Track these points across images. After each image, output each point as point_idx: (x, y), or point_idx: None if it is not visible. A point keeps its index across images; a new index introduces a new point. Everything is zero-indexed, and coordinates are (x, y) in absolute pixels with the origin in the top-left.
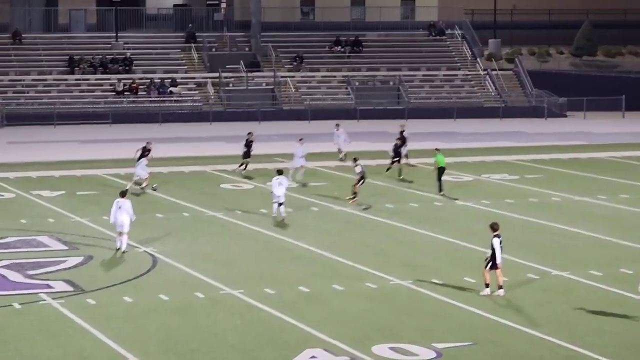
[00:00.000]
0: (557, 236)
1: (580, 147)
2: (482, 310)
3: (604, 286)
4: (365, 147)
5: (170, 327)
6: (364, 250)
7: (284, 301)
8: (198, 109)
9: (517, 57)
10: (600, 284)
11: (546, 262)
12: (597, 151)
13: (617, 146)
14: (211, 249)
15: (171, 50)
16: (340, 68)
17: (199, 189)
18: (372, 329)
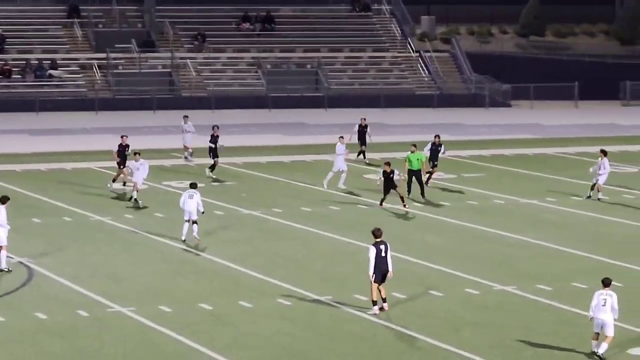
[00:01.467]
0: (500, 245)
1: (527, 141)
2: (413, 332)
3: (555, 303)
4: (280, 141)
5: (48, 352)
6: (277, 261)
7: (183, 321)
8: (82, 96)
9: (454, 37)
10: (551, 301)
11: (488, 275)
12: (546, 146)
13: (568, 140)
14: (97, 260)
15: (50, 27)
16: (249, 48)
17: (83, 190)
18: (286, 353)
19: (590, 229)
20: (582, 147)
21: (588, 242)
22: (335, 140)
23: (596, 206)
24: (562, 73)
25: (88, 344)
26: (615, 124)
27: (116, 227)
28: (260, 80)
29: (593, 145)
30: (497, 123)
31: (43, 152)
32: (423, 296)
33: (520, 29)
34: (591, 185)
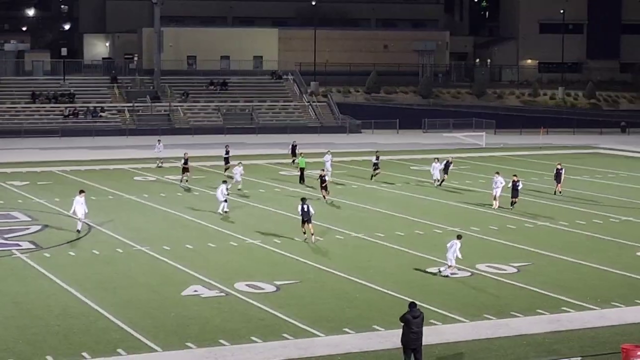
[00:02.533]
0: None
1: (371, 152)
2: (306, 259)
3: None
4: (231, 153)
5: (100, 272)
6: (229, 220)
7: (176, 254)
8: (119, 127)
9: (329, 94)
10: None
11: (349, 229)
12: (383, 155)
13: (394, 152)
14: (126, 220)
15: (101, 88)
16: (213, 100)
17: (121, 181)
18: (234, 272)
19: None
20: (402, 155)
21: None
22: (263, 152)
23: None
24: (389, 114)
25: (121, 268)
26: (419, 142)
27: (139, 202)
28: (220, 118)
29: (407, 155)
30: (353, 142)
31: (97, 159)
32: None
33: (366, 89)
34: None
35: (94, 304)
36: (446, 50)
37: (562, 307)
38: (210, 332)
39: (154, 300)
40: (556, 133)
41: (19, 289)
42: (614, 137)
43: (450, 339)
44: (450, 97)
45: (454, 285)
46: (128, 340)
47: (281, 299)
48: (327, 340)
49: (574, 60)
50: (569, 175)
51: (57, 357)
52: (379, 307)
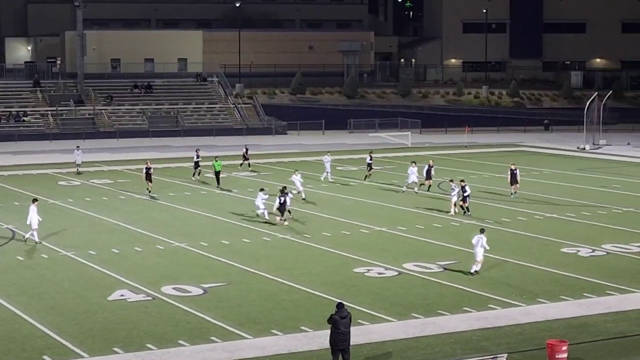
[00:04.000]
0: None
1: (296, 153)
2: (233, 261)
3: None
4: (158, 156)
5: (24, 278)
6: (154, 223)
7: (102, 259)
8: (42, 132)
9: (254, 96)
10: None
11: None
12: (307, 156)
13: (319, 153)
14: (51, 225)
15: (23, 92)
16: (138, 103)
17: (45, 185)
18: (160, 276)
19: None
20: (326, 155)
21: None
22: (189, 155)
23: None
24: (315, 115)
25: (47, 273)
26: (345, 142)
27: (63, 207)
28: (145, 121)
29: (334, 155)
30: (279, 144)
31: (20, 164)
32: None
33: (291, 90)
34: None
35: (19, 310)
36: (371, 50)
37: (488, 304)
38: (138, 336)
39: (80, 306)
40: (481, 131)
41: None
42: (537, 134)
43: (378, 339)
44: (376, 97)
45: (381, 284)
46: (54, 346)
47: (208, 302)
48: (255, 342)
49: (497, 59)
50: (493, 174)
51: None
52: (306, 308)
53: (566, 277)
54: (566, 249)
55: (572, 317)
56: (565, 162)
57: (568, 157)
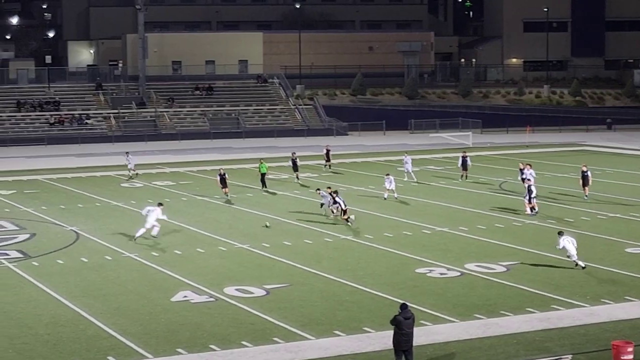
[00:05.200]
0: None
1: (358, 154)
2: (295, 262)
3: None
4: (219, 157)
5: (89, 280)
6: (217, 225)
7: (165, 260)
8: (105, 134)
9: (315, 97)
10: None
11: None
12: (368, 157)
13: (380, 154)
14: (115, 227)
15: (86, 95)
16: (199, 105)
17: (108, 187)
18: (223, 277)
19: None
20: (388, 157)
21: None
22: (250, 156)
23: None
24: (376, 115)
25: (110, 275)
26: (405, 143)
27: (125, 208)
28: (206, 123)
29: (394, 156)
30: (340, 144)
31: (83, 166)
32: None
33: (352, 91)
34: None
35: (84, 311)
36: (431, 50)
37: (551, 305)
38: (201, 337)
39: (144, 307)
40: (542, 131)
41: (8, 298)
42: (600, 134)
43: (441, 340)
44: (436, 97)
45: (443, 285)
46: (118, 347)
47: (271, 303)
48: (318, 343)
49: (558, 58)
50: (556, 174)
51: None
52: (369, 308)
53: (631, 277)
54: (630, 249)
55: (637, 318)
56: (628, 161)
57: (631, 157)
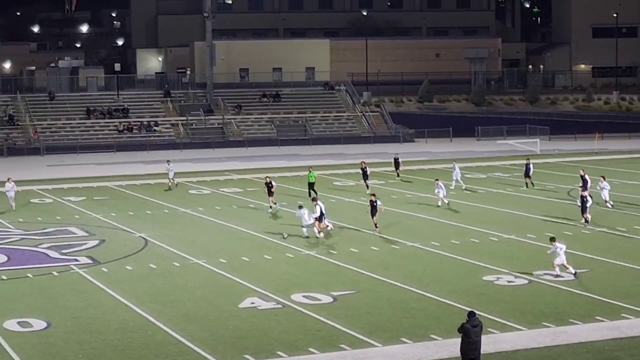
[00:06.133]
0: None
1: (424, 161)
2: (362, 269)
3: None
4: (285, 165)
5: (157, 286)
6: (283, 231)
7: (232, 266)
8: (173, 141)
9: (382, 104)
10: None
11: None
12: (435, 164)
13: (447, 160)
14: (182, 234)
15: (154, 102)
16: (266, 112)
17: (175, 194)
18: (290, 284)
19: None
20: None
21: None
22: (317, 163)
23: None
24: (443, 122)
25: (179, 281)
26: (472, 150)
27: (193, 215)
28: (273, 130)
29: (462, 163)
30: (407, 151)
31: (153, 173)
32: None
33: (419, 98)
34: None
35: (152, 317)
36: (498, 57)
37: (621, 313)
38: (268, 344)
39: (212, 313)
40: (611, 138)
41: (78, 304)
42: None
43: (508, 348)
44: (503, 104)
45: (511, 293)
46: (186, 353)
47: (338, 310)
48: (385, 350)
49: (628, 64)
50: (626, 181)
51: None
52: (436, 316)
53: None
54: None
55: None
56: None
57: None
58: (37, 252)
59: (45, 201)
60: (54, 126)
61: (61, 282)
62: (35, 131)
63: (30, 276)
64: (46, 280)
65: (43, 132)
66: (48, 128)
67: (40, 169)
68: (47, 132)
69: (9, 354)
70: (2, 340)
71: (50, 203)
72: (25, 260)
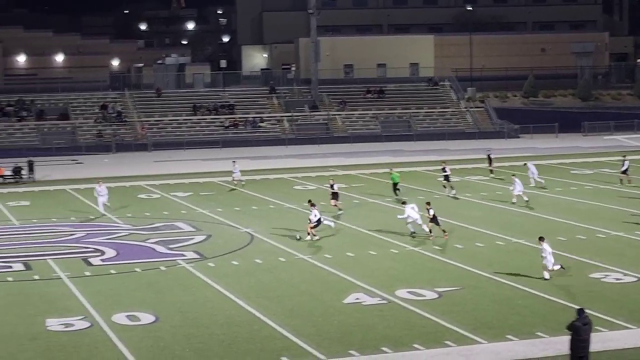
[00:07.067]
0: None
1: (529, 157)
2: (466, 265)
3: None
4: (390, 160)
5: (263, 281)
6: (387, 227)
7: (337, 262)
8: (278, 137)
9: (486, 99)
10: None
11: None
12: (540, 160)
13: (553, 156)
14: (288, 229)
15: (260, 98)
16: (370, 108)
17: (280, 190)
18: (395, 279)
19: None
20: (561, 160)
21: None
22: (421, 159)
23: None
24: (548, 118)
25: (284, 276)
26: (578, 146)
27: (298, 210)
28: (378, 126)
29: (568, 158)
30: (511, 147)
31: (257, 169)
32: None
33: (524, 93)
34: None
35: (258, 312)
36: (605, 51)
37: None
38: (373, 339)
39: (317, 308)
40: None
41: (185, 299)
42: None
43: (617, 346)
44: (611, 99)
45: (619, 291)
46: (292, 348)
47: (443, 306)
48: (490, 347)
49: None
50: None
51: None
52: (541, 313)
53: None
54: None
55: None
56: None
57: None
58: (145, 247)
59: (152, 196)
60: (161, 122)
61: (168, 276)
62: (142, 127)
63: (138, 271)
64: (154, 274)
65: (150, 128)
66: (155, 124)
67: (148, 165)
68: (154, 129)
69: (117, 347)
70: (112, 333)
71: (158, 198)
72: (133, 255)
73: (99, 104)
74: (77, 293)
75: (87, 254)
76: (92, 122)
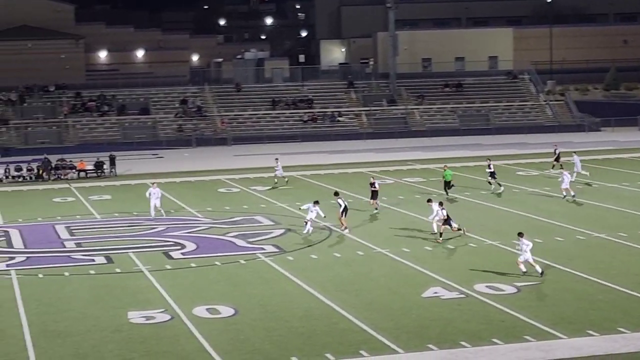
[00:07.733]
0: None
1: (610, 150)
2: (546, 260)
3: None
4: (466, 154)
5: (341, 274)
6: (465, 222)
7: (415, 256)
8: (356, 131)
9: (566, 92)
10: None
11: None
12: (622, 153)
13: (636, 149)
14: (364, 223)
15: (338, 93)
16: (448, 102)
17: (358, 184)
18: (473, 274)
19: None
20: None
21: None
22: (500, 153)
23: None
24: (630, 111)
25: (363, 269)
26: None
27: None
28: (456, 120)
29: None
30: (592, 141)
31: (335, 163)
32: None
33: (605, 86)
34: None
35: (336, 305)
36: None
37: None
38: (451, 333)
39: (395, 302)
40: None
41: (265, 292)
42: None
43: None
44: None
45: None
46: (370, 341)
47: (522, 301)
48: (570, 343)
49: None
50: None
51: (302, 357)
52: (623, 308)
53: None
54: None
55: None
56: None
57: None
58: (224, 240)
59: (232, 190)
60: (240, 117)
61: (248, 270)
62: (222, 122)
63: (218, 264)
64: (233, 268)
65: (230, 122)
66: (235, 119)
67: (228, 159)
68: (234, 123)
69: (198, 340)
70: (192, 326)
71: (237, 192)
72: (213, 249)
73: (179, 98)
74: (158, 286)
75: (168, 248)
76: (172, 117)
